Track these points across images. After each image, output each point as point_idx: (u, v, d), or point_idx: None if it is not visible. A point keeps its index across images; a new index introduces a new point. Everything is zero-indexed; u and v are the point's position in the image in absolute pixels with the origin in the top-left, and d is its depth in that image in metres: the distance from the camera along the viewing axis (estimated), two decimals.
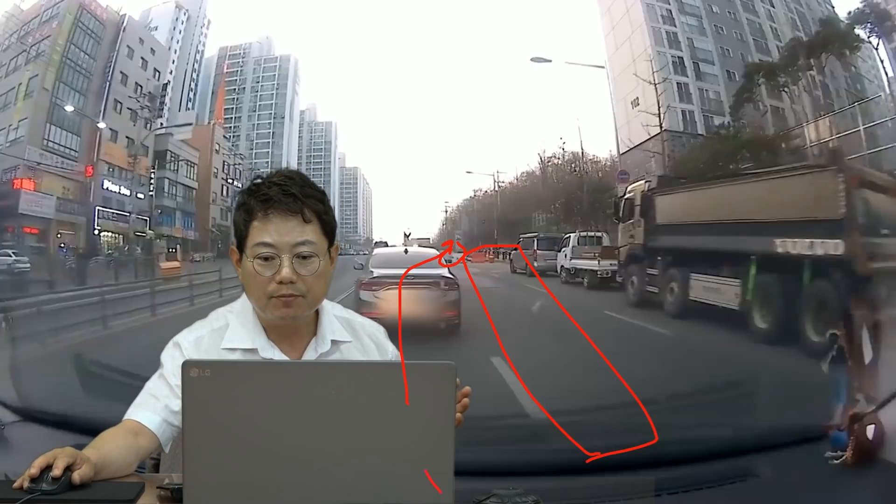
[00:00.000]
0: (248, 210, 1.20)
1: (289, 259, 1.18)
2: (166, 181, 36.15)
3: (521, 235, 27.42)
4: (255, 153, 51.81)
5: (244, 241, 1.20)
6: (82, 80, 31.12)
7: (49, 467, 0.96)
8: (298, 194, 1.19)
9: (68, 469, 0.97)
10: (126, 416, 1.18)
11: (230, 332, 1.26)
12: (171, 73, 40.77)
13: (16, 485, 0.96)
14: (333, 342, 1.28)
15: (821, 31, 26.58)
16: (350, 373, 0.95)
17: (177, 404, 1.13)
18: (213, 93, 53.32)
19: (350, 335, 1.31)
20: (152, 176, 34.06)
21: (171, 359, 1.22)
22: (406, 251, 9.63)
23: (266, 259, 1.18)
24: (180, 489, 0.92)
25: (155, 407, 1.17)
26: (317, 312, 1.28)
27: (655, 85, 28.26)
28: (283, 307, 1.19)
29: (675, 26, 31.95)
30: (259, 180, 1.22)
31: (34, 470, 0.96)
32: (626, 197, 13.95)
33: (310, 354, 1.25)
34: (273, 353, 1.24)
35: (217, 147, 42.22)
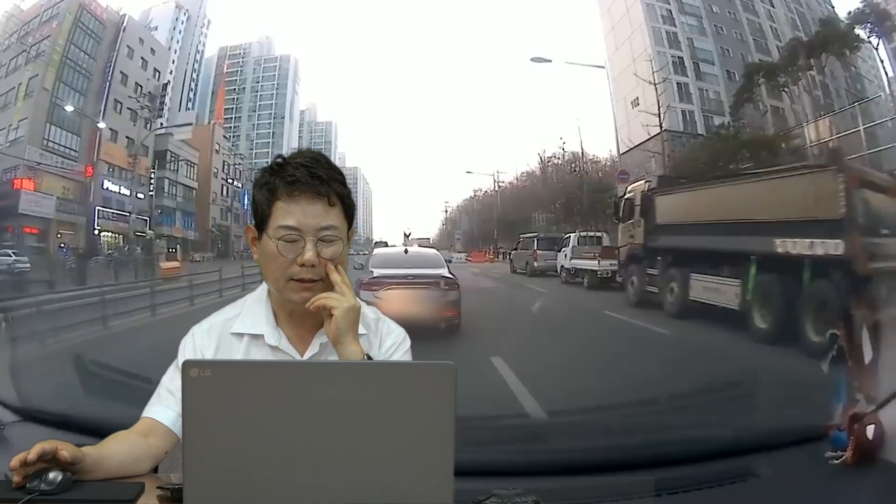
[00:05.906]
0: (271, 189, 1.18)
1: (312, 242, 1.16)
2: (166, 181, 36.19)
3: (521, 235, 27.41)
4: (255, 153, 51.83)
5: (265, 221, 1.19)
6: (82, 80, 31.14)
7: (45, 469, 0.97)
8: (325, 177, 1.17)
9: (62, 467, 0.98)
10: (143, 415, 1.19)
11: (241, 318, 1.25)
12: (171, 73, 40.82)
13: (15, 481, 0.96)
14: None
15: (821, 31, 26.61)
16: (350, 373, 0.95)
17: None
18: (213, 93, 53.38)
19: (363, 328, 1.25)
20: (152, 176, 34.13)
21: (183, 348, 1.23)
22: (406, 251, 9.64)
23: (289, 241, 1.17)
24: (180, 489, 0.91)
25: (169, 401, 1.17)
26: None
27: (655, 85, 28.28)
28: (303, 291, 1.18)
29: (675, 26, 31.98)
30: (281, 160, 1.20)
31: (32, 455, 0.95)
32: (626, 197, 13.94)
33: (315, 345, 1.23)
34: (279, 340, 1.23)
35: (217, 147, 42.25)
